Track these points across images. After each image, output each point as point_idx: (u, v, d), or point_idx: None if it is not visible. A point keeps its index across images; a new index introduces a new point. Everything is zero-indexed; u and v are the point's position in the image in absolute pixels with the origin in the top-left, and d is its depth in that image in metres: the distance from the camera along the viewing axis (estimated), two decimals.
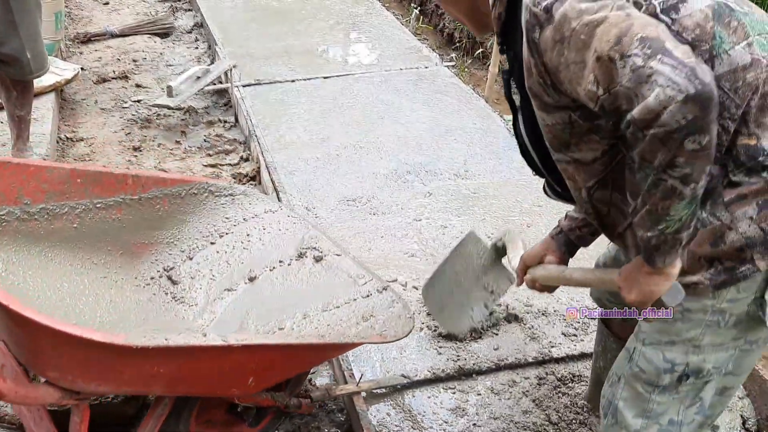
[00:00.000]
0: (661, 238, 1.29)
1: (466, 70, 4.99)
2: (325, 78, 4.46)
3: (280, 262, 2.17)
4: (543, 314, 2.61)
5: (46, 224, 1.92)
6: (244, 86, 4.28)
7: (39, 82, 3.83)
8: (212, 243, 2.19)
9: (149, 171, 3.25)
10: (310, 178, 3.43)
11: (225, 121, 4.13)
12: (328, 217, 3.16)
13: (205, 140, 3.93)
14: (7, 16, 2.79)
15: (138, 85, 4.49)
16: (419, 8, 5.73)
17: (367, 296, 2.06)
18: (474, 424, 2.15)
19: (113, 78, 4.54)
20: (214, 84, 4.29)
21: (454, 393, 2.27)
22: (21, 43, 2.87)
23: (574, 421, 2.16)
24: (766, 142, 1.33)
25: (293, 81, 4.41)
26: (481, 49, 5.07)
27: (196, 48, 5.11)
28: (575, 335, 2.51)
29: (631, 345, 1.54)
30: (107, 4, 5.76)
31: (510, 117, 4.00)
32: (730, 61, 1.32)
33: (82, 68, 4.28)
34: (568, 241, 1.79)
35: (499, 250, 2.25)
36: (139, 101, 4.26)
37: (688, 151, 1.16)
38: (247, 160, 3.73)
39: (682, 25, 1.32)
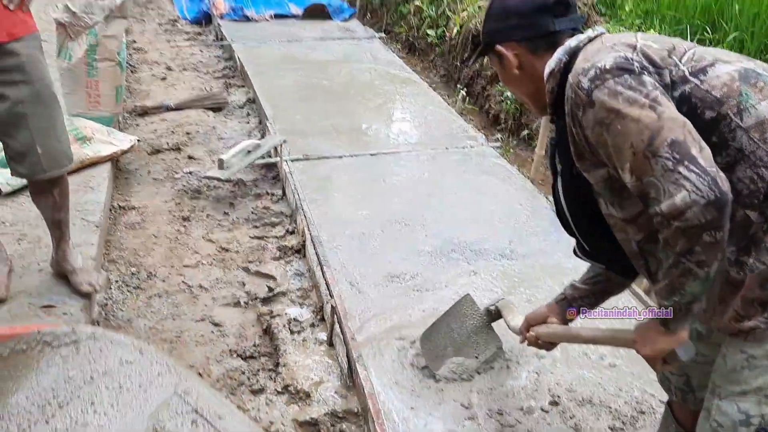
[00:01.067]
0: (676, 307, 1.51)
1: (511, 150, 5.02)
2: (372, 155, 4.53)
3: None
4: (588, 403, 2.53)
5: None
6: (292, 161, 4.37)
7: (97, 152, 3.97)
8: (50, 417, 1.57)
9: None
10: (354, 254, 3.45)
11: (272, 194, 4.20)
12: (371, 293, 3.15)
13: (252, 212, 3.99)
14: (15, 108, 2.57)
15: (190, 157, 4.62)
16: (465, 89, 5.83)
17: None
18: None
19: (167, 149, 4.68)
20: (264, 158, 4.39)
21: None
22: (30, 137, 2.62)
23: None
24: None
25: (340, 157, 4.49)
26: (526, 131, 5.11)
27: (248, 123, 5.25)
28: (623, 429, 2.42)
29: (708, 403, 1.62)
30: (165, 79, 5.99)
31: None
32: (757, 114, 1.48)
33: (138, 140, 4.42)
34: (570, 308, 2.03)
35: (492, 315, 2.59)
36: (190, 172, 4.37)
37: (705, 243, 1.39)
38: (292, 233, 3.77)
39: (710, 84, 1.51)
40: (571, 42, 1.63)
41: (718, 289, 1.55)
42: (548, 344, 2.09)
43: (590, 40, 1.64)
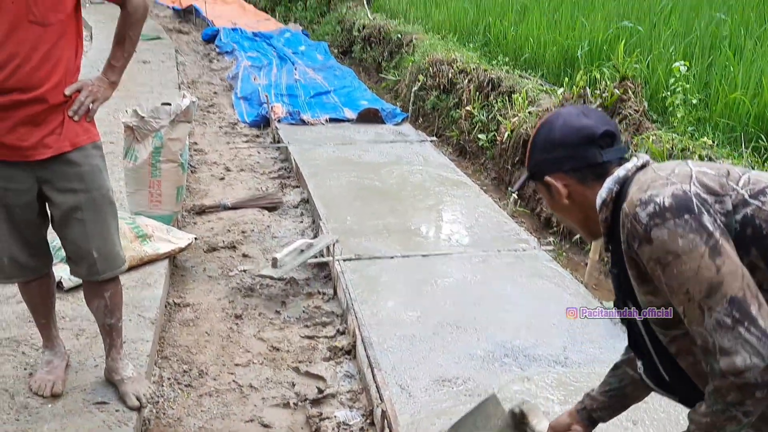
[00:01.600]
0: None
1: (563, 254, 4.99)
2: (423, 256, 4.54)
3: None
4: None
5: None
6: (344, 260, 4.41)
7: (156, 250, 4.08)
8: None
9: None
10: (405, 356, 3.41)
11: (324, 294, 4.22)
12: (421, 397, 3.10)
13: (303, 311, 4.01)
14: (73, 214, 2.68)
15: (245, 255, 4.70)
16: (516, 192, 5.87)
17: None
18: None
19: (222, 247, 4.78)
20: (316, 257, 4.44)
21: None
22: (87, 241, 2.71)
23: None
24: None
25: (392, 257, 4.52)
26: (578, 235, 5.08)
27: (301, 222, 5.35)
28: None
29: None
30: (223, 179, 6.19)
31: (610, 304, 3.95)
32: None
33: (195, 238, 4.53)
34: (590, 417, 2.07)
35: (515, 416, 2.55)
36: (244, 270, 4.44)
37: (756, 398, 1.44)
38: (343, 333, 3.77)
39: None
40: (620, 172, 1.67)
41: None
42: None
43: (638, 168, 1.67)
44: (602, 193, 1.67)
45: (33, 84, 2.48)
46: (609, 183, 1.66)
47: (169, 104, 4.46)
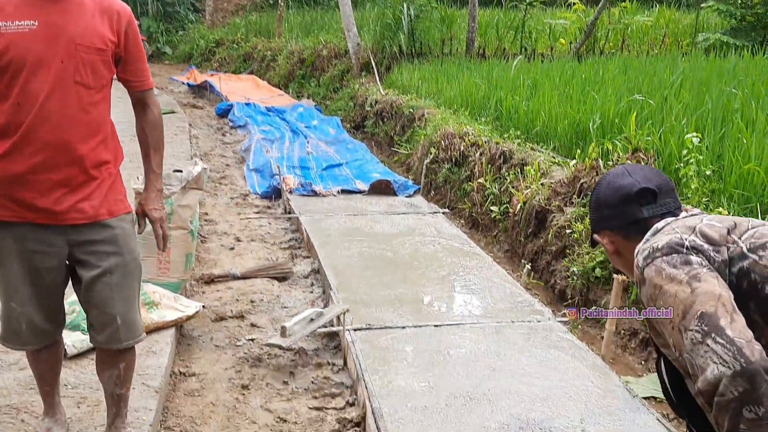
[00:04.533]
0: None
1: (579, 327, 4.87)
2: (435, 326, 4.44)
3: None
4: None
5: None
6: (355, 330, 4.31)
7: (162, 318, 4.01)
8: None
9: None
10: (417, 428, 3.28)
11: (333, 364, 4.11)
12: None
13: (312, 382, 3.90)
14: (103, 277, 2.62)
15: (253, 325, 4.61)
16: (530, 264, 5.79)
17: None
18: None
19: (230, 317, 4.70)
20: (326, 327, 4.35)
21: None
22: (114, 307, 2.66)
23: None
24: None
25: (403, 327, 4.41)
26: (594, 307, 4.98)
27: (311, 293, 5.27)
28: None
29: None
30: (233, 249, 6.15)
31: (626, 378, 3.82)
32: None
33: (203, 306, 4.46)
34: None
35: None
36: (252, 340, 4.34)
37: (747, 419, 1.37)
38: (353, 404, 3.64)
39: None
40: (659, 225, 1.73)
41: None
42: None
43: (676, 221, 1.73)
44: (638, 246, 1.72)
45: (71, 143, 2.50)
46: (647, 235, 1.72)
47: (181, 171, 4.48)
